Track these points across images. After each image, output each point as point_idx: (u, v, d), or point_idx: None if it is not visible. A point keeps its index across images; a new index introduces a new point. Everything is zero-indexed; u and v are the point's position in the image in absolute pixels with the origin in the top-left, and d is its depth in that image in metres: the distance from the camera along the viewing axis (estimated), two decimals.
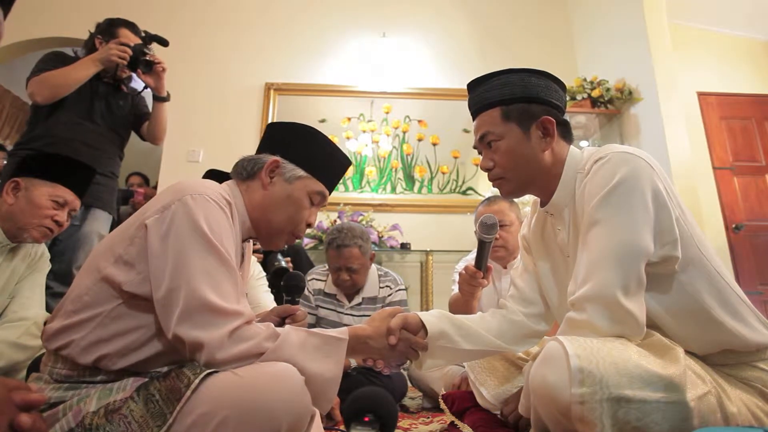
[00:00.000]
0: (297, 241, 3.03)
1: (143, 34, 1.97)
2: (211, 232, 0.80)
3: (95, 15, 2.17)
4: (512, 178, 1.02)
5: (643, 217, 0.84)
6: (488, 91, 1.02)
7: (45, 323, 0.87)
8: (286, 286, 1.15)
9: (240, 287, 0.84)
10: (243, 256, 1.05)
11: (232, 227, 0.88)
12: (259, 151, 1.03)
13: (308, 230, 3.11)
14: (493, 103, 1.01)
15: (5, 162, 2.15)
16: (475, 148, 1.07)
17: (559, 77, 1.05)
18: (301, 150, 1.00)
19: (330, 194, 1.05)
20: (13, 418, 0.50)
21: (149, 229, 0.80)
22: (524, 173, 1.01)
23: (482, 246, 1.36)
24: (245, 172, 0.99)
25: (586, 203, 0.91)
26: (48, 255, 1.58)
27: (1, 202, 1.41)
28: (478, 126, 1.04)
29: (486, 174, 1.06)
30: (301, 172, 0.99)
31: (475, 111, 1.05)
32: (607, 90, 3.19)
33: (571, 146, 1.04)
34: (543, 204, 1.07)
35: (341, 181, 3.46)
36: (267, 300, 1.85)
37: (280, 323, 1.07)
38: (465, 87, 1.09)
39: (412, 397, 2.11)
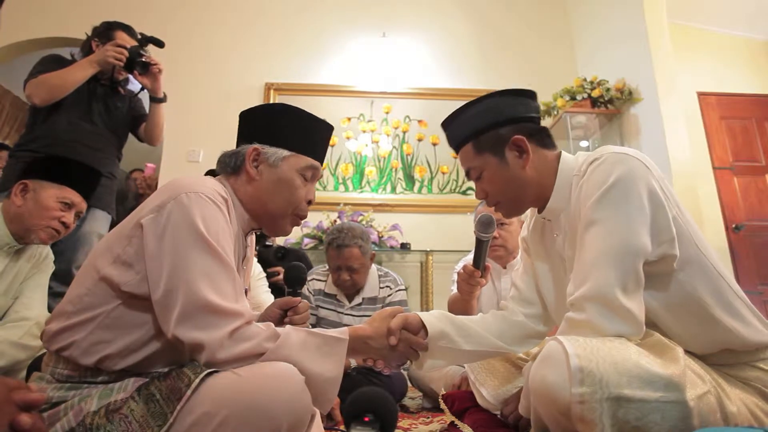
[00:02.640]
0: (295, 242, 3.05)
1: (139, 37, 1.98)
2: (207, 231, 0.79)
3: (94, 15, 2.18)
4: (506, 201, 1.06)
5: (639, 216, 0.84)
6: (458, 129, 1.07)
7: (45, 324, 0.87)
8: (287, 277, 1.14)
9: (239, 285, 0.83)
10: (246, 250, 1.04)
11: (230, 225, 0.88)
12: (238, 142, 1.01)
13: (308, 230, 3.13)
14: (464, 139, 1.05)
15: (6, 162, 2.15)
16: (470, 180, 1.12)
17: (559, 77, 1.06)
18: (277, 130, 0.97)
19: (322, 164, 1.02)
20: (13, 418, 0.50)
21: (145, 229, 0.80)
22: (514, 195, 1.04)
23: (480, 244, 1.36)
24: (229, 168, 0.97)
25: (582, 204, 0.91)
26: (52, 256, 1.59)
27: (10, 204, 1.42)
28: (461, 162, 1.09)
29: None
30: (284, 153, 0.96)
31: (455, 149, 1.10)
32: (607, 90, 3.19)
33: (563, 151, 1.04)
34: (540, 210, 1.07)
35: (341, 180, 3.47)
36: (267, 300, 1.85)
37: (283, 315, 1.06)
38: (465, 87, 1.12)
39: (412, 397, 2.11)
